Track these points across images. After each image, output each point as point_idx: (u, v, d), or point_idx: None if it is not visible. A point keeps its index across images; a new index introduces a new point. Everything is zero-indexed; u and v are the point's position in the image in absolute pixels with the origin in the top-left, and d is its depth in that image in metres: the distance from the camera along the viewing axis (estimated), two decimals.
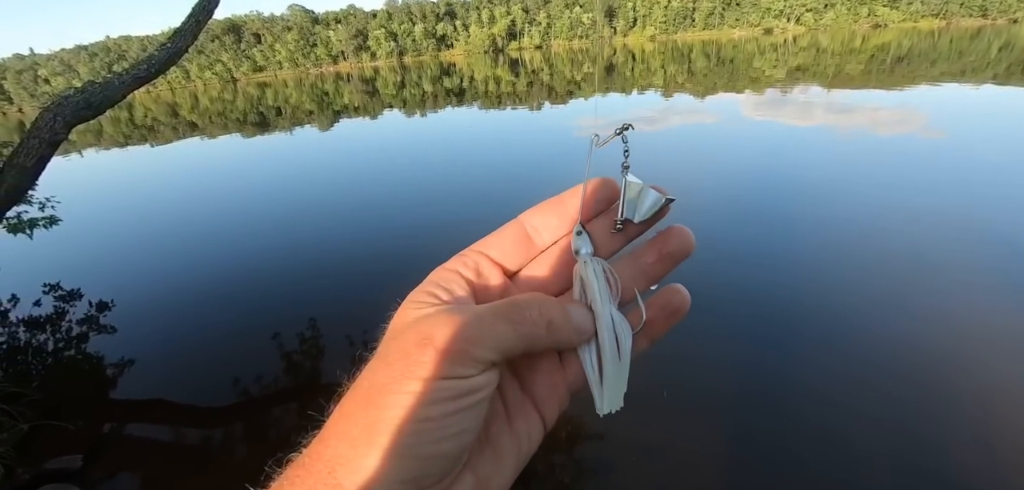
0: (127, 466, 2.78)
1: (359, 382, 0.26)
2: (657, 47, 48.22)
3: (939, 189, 5.41)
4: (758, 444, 2.47)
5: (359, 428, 0.24)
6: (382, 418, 0.23)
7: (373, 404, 0.24)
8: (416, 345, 0.25)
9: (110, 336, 4.10)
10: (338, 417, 0.25)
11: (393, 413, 0.23)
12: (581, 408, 1.90)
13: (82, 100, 3.38)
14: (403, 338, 0.26)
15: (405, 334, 0.26)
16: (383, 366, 0.25)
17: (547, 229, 0.32)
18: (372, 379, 0.25)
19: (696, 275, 4.06)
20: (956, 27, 45.84)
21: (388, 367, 0.25)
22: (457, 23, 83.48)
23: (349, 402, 0.25)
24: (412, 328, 0.26)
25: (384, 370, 0.25)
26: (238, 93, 43.69)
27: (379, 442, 0.23)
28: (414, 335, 0.25)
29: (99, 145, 18.75)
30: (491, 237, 0.32)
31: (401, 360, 0.25)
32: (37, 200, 5.35)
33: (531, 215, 0.33)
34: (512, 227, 0.32)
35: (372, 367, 0.26)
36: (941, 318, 3.24)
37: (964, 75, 15.08)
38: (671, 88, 17.46)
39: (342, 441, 0.24)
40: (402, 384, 0.24)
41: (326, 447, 0.24)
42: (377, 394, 0.24)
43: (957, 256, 3.98)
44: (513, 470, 0.30)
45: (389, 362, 0.25)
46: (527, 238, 0.32)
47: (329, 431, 0.25)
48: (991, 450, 2.29)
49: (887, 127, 8.81)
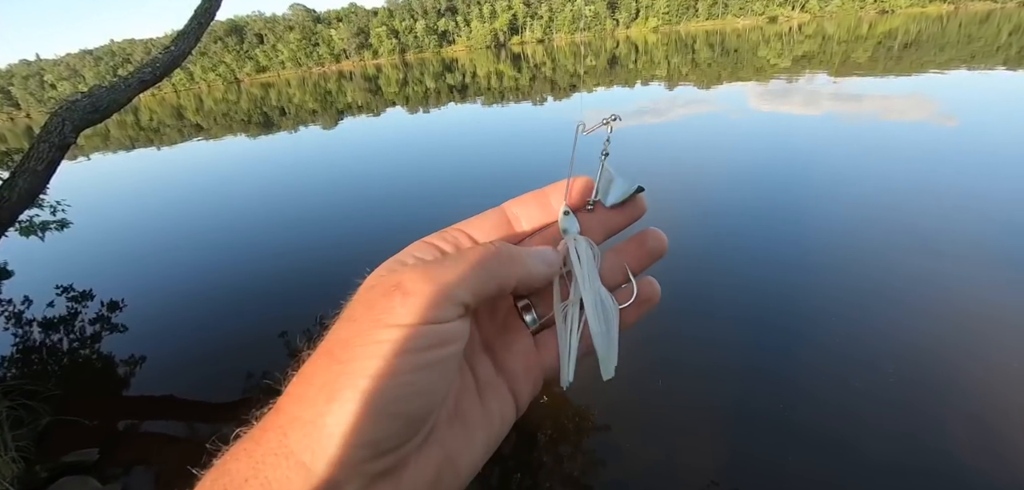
0: (141, 460, 2.84)
1: (321, 345, 0.24)
2: (660, 38, 47.88)
3: (949, 177, 5.37)
4: (762, 431, 2.49)
5: (316, 387, 0.22)
6: (344, 372, 0.22)
7: (335, 359, 0.23)
8: (383, 295, 0.24)
9: (122, 335, 4.18)
10: (295, 381, 0.24)
11: (356, 366, 0.22)
12: (587, 399, 1.93)
13: (89, 104, 3.43)
14: (368, 293, 0.25)
15: (369, 289, 0.25)
16: (346, 323, 0.24)
17: (528, 218, 0.33)
18: (335, 337, 0.24)
19: (701, 266, 4.07)
20: (965, 11, 45.14)
21: (352, 323, 0.24)
22: (458, 19, 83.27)
23: (309, 365, 0.24)
24: (378, 283, 0.25)
25: (347, 325, 0.24)
26: (242, 94, 43.90)
27: (339, 399, 0.21)
28: (380, 287, 0.24)
29: (106, 148, 18.94)
30: (473, 219, 0.32)
31: (366, 313, 0.23)
32: (48, 204, 5.45)
33: (512, 204, 0.33)
34: (494, 213, 0.33)
35: (335, 327, 0.24)
36: (949, 309, 3.23)
37: (974, 60, 14.88)
38: (675, 79, 17.36)
39: (297, 403, 0.22)
40: (368, 335, 0.22)
41: (280, 414, 0.23)
42: (339, 349, 0.23)
43: (968, 246, 3.94)
44: (483, 450, 0.28)
45: (353, 318, 0.24)
46: (508, 224, 0.33)
47: (285, 397, 0.24)
48: (997, 447, 2.29)
49: (895, 115, 8.72)
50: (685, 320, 3.41)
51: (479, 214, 0.33)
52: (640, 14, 75.30)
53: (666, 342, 3.19)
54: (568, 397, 2.81)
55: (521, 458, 2.54)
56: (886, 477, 2.16)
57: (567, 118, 12.18)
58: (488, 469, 2.50)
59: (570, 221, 0.33)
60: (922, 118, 8.24)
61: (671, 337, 3.24)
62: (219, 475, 0.22)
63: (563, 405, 2.76)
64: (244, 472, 0.21)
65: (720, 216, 4.99)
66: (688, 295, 3.70)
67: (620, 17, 76.11)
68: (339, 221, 6.44)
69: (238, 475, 0.21)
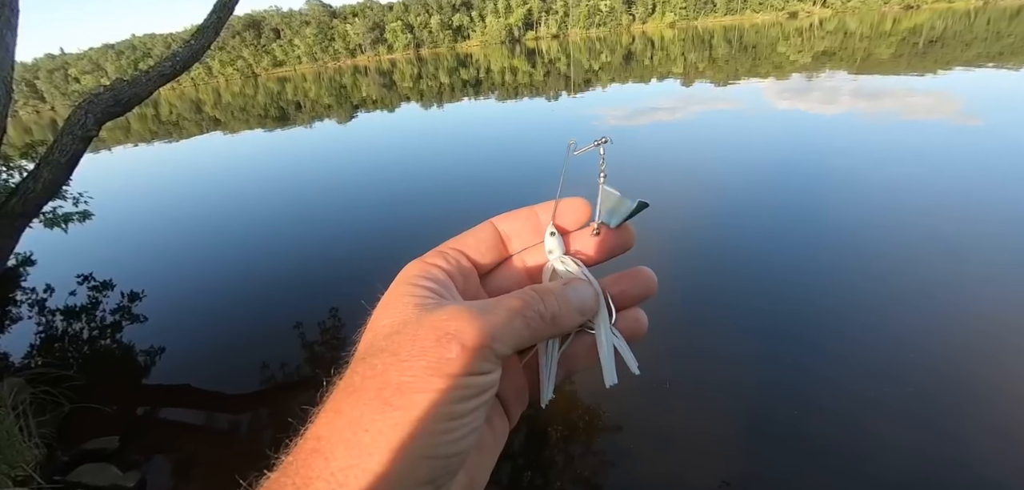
0: (160, 448, 2.90)
1: (361, 383, 0.24)
2: (677, 34, 47.26)
3: (973, 180, 5.20)
4: (776, 437, 2.44)
5: (372, 434, 0.22)
6: (405, 420, 0.22)
7: (391, 405, 0.23)
8: (437, 342, 0.24)
9: (142, 325, 4.26)
10: (337, 423, 0.23)
11: (417, 413, 0.23)
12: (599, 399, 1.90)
13: (111, 97, 3.49)
14: (415, 334, 0.25)
15: (416, 330, 0.25)
16: (395, 363, 0.24)
17: (517, 236, 0.34)
18: (384, 378, 0.24)
19: (715, 268, 4.01)
20: (994, 6, 43.67)
21: (403, 364, 0.24)
22: (473, 14, 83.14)
23: (352, 406, 0.24)
24: (424, 324, 0.25)
25: (398, 367, 0.24)
26: (259, 88, 44.47)
27: (398, 445, 0.22)
28: (430, 331, 0.24)
29: (127, 141, 19.35)
30: (467, 236, 0.33)
31: (419, 357, 0.24)
32: (71, 195, 5.58)
33: (503, 220, 0.34)
34: (486, 229, 0.33)
35: (375, 365, 0.24)
36: (972, 316, 3.13)
37: (1002, 57, 14.41)
38: (691, 76, 17.13)
39: (351, 450, 0.22)
40: (427, 381, 0.23)
41: (326, 459, 0.23)
42: (395, 394, 0.23)
43: (992, 251, 3.82)
44: (491, 466, 0.30)
45: (402, 359, 0.24)
46: (500, 241, 0.33)
47: (328, 439, 0.23)
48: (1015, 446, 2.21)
49: (918, 114, 8.49)
50: (700, 325, 3.37)
51: (470, 230, 0.33)
52: (656, 9, 74.36)
53: (680, 345, 3.15)
54: (579, 397, 2.79)
55: (532, 457, 2.53)
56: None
57: (584, 108, 12.10)
58: (499, 468, 2.50)
59: (556, 242, 0.33)
60: (946, 117, 8.00)
61: (686, 341, 3.20)
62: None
63: (574, 405, 2.74)
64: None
65: (735, 218, 4.91)
66: (703, 300, 3.65)
67: (636, 12, 75.26)
68: (354, 215, 6.49)
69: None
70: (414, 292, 0.27)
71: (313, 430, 0.24)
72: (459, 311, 0.25)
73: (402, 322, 0.26)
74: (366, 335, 0.27)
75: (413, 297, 0.27)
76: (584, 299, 0.30)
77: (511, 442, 1.85)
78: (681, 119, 10.07)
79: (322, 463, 0.22)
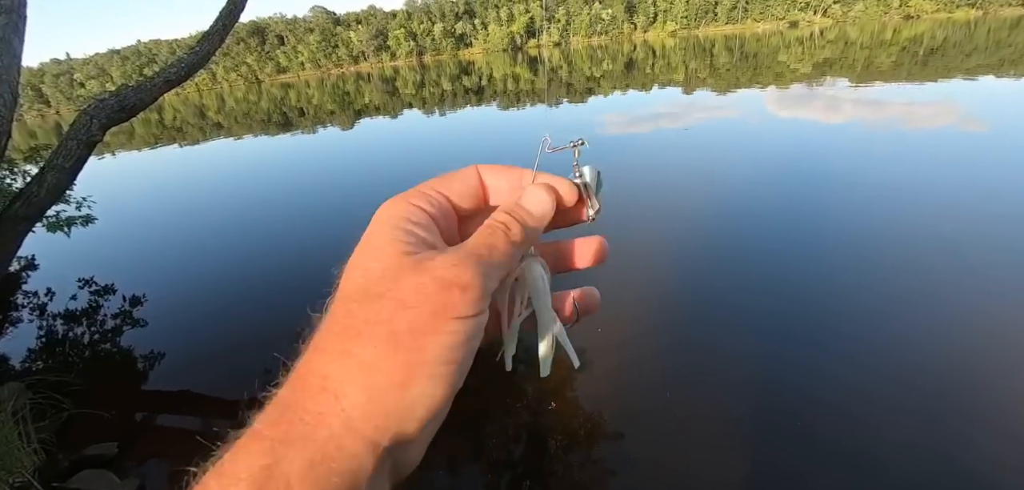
0: (159, 454, 2.88)
1: (366, 327, 0.25)
2: (678, 42, 47.45)
3: (977, 185, 5.20)
4: (779, 446, 2.42)
5: (386, 373, 0.24)
6: (417, 361, 0.24)
7: (404, 347, 0.24)
8: (442, 289, 0.25)
9: (142, 329, 4.26)
10: (347, 364, 0.24)
11: (428, 355, 0.24)
12: (599, 406, 1.89)
13: (116, 103, 3.51)
14: (418, 282, 0.25)
15: (417, 278, 0.26)
16: (401, 310, 0.25)
17: (498, 192, 0.34)
18: (393, 324, 0.25)
19: (719, 271, 4.00)
20: (994, 16, 43.82)
21: (411, 311, 0.25)
22: (476, 22, 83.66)
23: (362, 348, 0.24)
24: (426, 272, 0.26)
25: (406, 314, 0.25)
26: (262, 94, 44.70)
27: (410, 384, 0.24)
28: (433, 280, 0.25)
29: (131, 146, 19.44)
30: (452, 180, 0.33)
31: (425, 303, 0.25)
32: (74, 199, 5.59)
33: (488, 171, 0.34)
34: (470, 176, 0.33)
35: (380, 311, 0.25)
36: (975, 318, 3.12)
37: (1003, 67, 14.43)
38: (693, 84, 17.18)
39: (363, 389, 0.24)
40: (436, 325, 0.25)
41: (337, 397, 0.23)
42: (407, 337, 0.24)
43: (998, 255, 3.81)
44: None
45: (409, 306, 0.25)
46: (482, 190, 0.34)
47: (338, 379, 0.24)
48: None
49: (920, 122, 8.50)
50: (703, 330, 3.36)
51: (455, 173, 0.33)
52: (658, 18, 74.76)
53: (683, 350, 3.14)
54: (580, 404, 2.78)
55: (531, 465, 2.51)
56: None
57: (587, 115, 12.13)
58: (498, 475, 2.49)
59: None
60: (948, 125, 8.01)
61: (688, 346, 3.19)
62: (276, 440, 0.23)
63: (574, 412, 2.73)
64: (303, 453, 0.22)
65: (737, 227, 4.91)
66: (707, 302, 3.64)
67: (638, 21, 75.66)
68: (356, 219, 6.39)
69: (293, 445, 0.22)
70: (401, 236, 0.28)
71: (317, 368, 0.25)
72: (456, 258, 0.27)
73: (396, 268, 0.26)
74: (353, 276, 0.27)
75: (401, 242, 0.27)
76: (542, 202, 0.32)
77: (511, 450, 1.84)
78: (682, 126, 10.09)
79: (332, 400, 0.23)
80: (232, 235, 6.61)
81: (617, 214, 5.46)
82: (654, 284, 3.91)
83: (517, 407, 2.82)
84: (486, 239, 0.29)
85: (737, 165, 6.94)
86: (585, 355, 3.09)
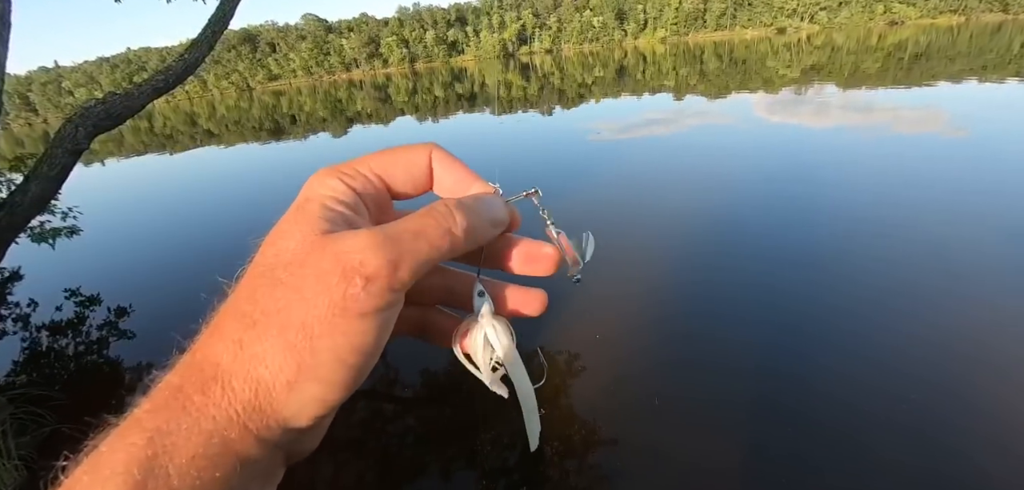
0: None
1: (262, 317, 0.23)
2: (668, 49, 47.95)
3: (962, 189, 5.27)
4: (771, 450, 2.42)
5: (273, 371, 0.22)
6: (312, 363, 0.22)
7: (294, 348, 0.22)
8: (342, 277, 0.22)
9: (129, 341, 4.19)
10: (239, 356, 0.23)
11: (325, 357, 0.22)
12: (594, 413, 1.87)
13: (103, 111, 3.47)
14: (318, 266, 0.23)
15: (320, 261, 0.23)
16: (298, 300, 0.23)
17: (442, 186, 0.30)
18: (286, 316, 0.23)
19: (710, 280, 4.01)
20: (976, 22, 44.79)
21: (306, 302, 0.23)
22: (468, 29, 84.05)
23: (254, 340, 0.23)
24: (328, 254, 0.23)
25: (302, 305, 0.23)
26: (254, 101, 44.49)
27: (298, 384, 0.22)
28: (335, 264, 0.23)
29: (120, 153, 19.24)
30: (397, 158, 0.29)
31: (323, 293, 0.22)
32: (60, 210, 5.50)
33: (440, 159, 0.30)
34: (420, 158, 0.29)
35: (278, 299, 0.23)
36: (963, 321, 3.15)
37: (985, 72, 14.72)
38: (683, 90, 17.34)
39: (250, 385, 0.22)
40: (331, 323, 0.22)
41: (224, 390, 0.22)
42: (298, 335, 0.22)
43: (983, 257, 3.86)
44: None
45: (306, 296, 0.23)
46: (428, 176, 0.30)
47: (228, 370, 0.22)
48: (1015, 457, 2.21)
49: (906, 126, 8.63)
50: (697, 333, 3.36)
51: (404, 150, 0.29)
52: (648, 25, 75.58)
53: (677, 354, 3.14)
54: (575, 411, 2.76)
55: (526, 472, 2.49)
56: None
57: (577, 122, 12.19)
58: (494, 482, 2.46)
59: (484, 301, 0.30)
60: (935, 130, 8.13)
61: (682, 350, 3.19)
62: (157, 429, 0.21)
63: (570, 419, 2.71)
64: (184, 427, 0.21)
65: (729, 228, 4.93)
66: (700, 306, 3.65)
67: (628, 28, 76.44)
68: None
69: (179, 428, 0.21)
70: (323, 213, 0.25)
71: (210, 354, 0.23)
72: (366, 240, 0.23)
73: (306, 249, 0.24)
74: (267, 252, 0.25)
75: (320, 220, 0.25)
76: (496, 209, 0.29)
77: (506, 457, 1.82)
78: (673, 132, 10.17)
79: (220, 392, 0.22)
80: (222, 244, 6.53)
81: (612, 218, 5.48)
82: (646, 288, 3.92)
83: (511, 414, 2.79)
84: (417, 222, 0.25)
85: (727, 169, 6.99)
86: (579, 359, 3.09)
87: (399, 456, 2.74)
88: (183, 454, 0.20)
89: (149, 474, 0.20)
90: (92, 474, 0.20)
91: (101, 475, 0.20)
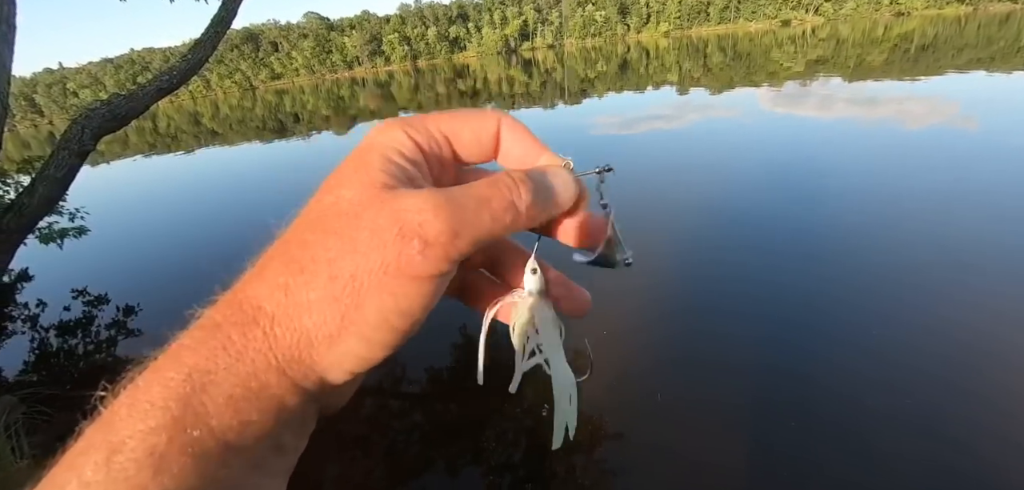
0: None
1: (312, 264, 0.22)
2: (672, 43, 47.68)
3: (969, 181, 5.22)
4: (775, 445, 2.42)
5: (317, 321, 0.22)
6: (358, 319, 0.22)
7: (342, 299, 0.22)
8: (399, 236, 0.22)
9: (137, 339, 4.22)
10: (284, 302, 0.22)
11: (372, 317, 0.22)
12: (601, 408, 1.87)
13: (107, 112, 3.49)
14: (375, 221, 0.22)
15: (376, 217, 0.22)
16: (350, 252, 0.22)
17: (508, 156, 0.29)
18: (337, 267, 0.22)
19: (717, 275, 4.00)
20: (984, 12, 44.26)
21: (358, 256, 0.22)
22: (469, 25, 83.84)
23: (300, 287, 0.22)
24: (387, 210, 0.22)
25: (353, 258, 0.22)
26: (257, 100, 44.60)
27: (341, 337, 0.22)
28: (393, 222, 0.22)
29: (125, 154, 19.34)
30: (466, 122, 0.28)
31: (377, 250, 0.22)
32: (67, 210, 5.55)
33: (510, 128, 0.28)
34: (489, 125, 0.28)
35: (330, 247, 0.22)
36: (970, 315, 3.12)
37: (993, 62, 14.55)
38: (686, 84, 17.25)
39: (293, 332, 0.22)
40: (387, 283, 0.22)
41: (267, 335, 0.22)
42: (349, 290, 0.22)
43: (992, 251, 3.83)
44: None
45: (359, 250, 0.22)
46: (495, 144, 0.28)
47: (271, 315, 0.22)
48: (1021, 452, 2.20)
49: (913, 118, 8.55)
50: (703, 329, 3.36)
51: (473, 114, 0.28)
52: (651, 19, 75.09)
53: (683, 349, 3.14)
54: (580, 407, 2.76)
55: (532, 467, 2.50)
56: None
57: (580, 116, 12.15)
58: (500, 477, 2.47)
59: (537, 281, 0.29)
60: (943, 121, 8.06)
61: (688, 346, 3.19)
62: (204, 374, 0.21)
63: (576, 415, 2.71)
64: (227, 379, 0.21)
65: (732, 226, 4.91)
66: (706, 301, 3.64)
67: (631, 22, 75.98)
68: None
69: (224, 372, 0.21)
70: (384, 166, 0.24)
71: (252, 295, 0.23)
72: (428, 201, 0.22)
73: (364, 202, 0.23)
74: (323, 199, 0.24)
75: (381, 173, 0.24)
76: (564, 188, 0.27)
77: (511, 453, 1.82)
78: (676, 127, 10.12)
79: (260, 335, 0.22)
80: (228, 242, 6.57)
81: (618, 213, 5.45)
82: (650, 283, 3.91)
83: (517, 411, 2.80)
84: (483, 190, 0.24)
85: (731, 164, 6.96)
86: (584, 356, 3.08)
87: (406, 452, 2.75)
88: (221, 393, 0.20)
89: (187, 409, 0.20)
90: (130, 406, 0.20)
91: (140, 408, 0.20)
